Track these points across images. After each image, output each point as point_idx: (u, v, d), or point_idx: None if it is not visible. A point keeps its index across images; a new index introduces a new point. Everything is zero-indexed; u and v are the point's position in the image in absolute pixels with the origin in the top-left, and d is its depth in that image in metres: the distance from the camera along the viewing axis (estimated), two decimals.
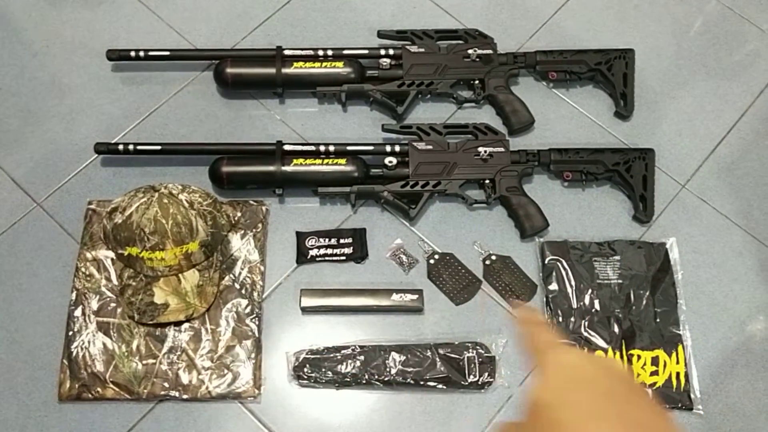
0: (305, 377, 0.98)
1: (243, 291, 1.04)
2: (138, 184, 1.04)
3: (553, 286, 1.06)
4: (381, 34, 1.21)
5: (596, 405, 0.35)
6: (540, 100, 1.21)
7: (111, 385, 0.97)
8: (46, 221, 1.09)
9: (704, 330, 1.05)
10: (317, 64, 1.16)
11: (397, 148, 1.11)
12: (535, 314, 0.45)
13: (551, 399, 0.37)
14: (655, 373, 1.01)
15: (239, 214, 1.09)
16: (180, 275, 1.01)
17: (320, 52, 1.17)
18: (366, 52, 1.18)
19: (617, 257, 1.08)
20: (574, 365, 0.39)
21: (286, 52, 1.16)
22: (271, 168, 1.08)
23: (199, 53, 1.21)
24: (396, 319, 1.04)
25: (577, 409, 0.35)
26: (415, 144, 1.11)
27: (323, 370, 0.98)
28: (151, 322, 0.99)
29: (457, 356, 1.00)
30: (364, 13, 1.29)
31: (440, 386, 0.98)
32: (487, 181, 1.10)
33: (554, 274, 1.07)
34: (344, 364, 0.99)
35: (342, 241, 1.08)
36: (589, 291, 1.06)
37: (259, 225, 1.09)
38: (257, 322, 1.02)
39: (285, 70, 1.15)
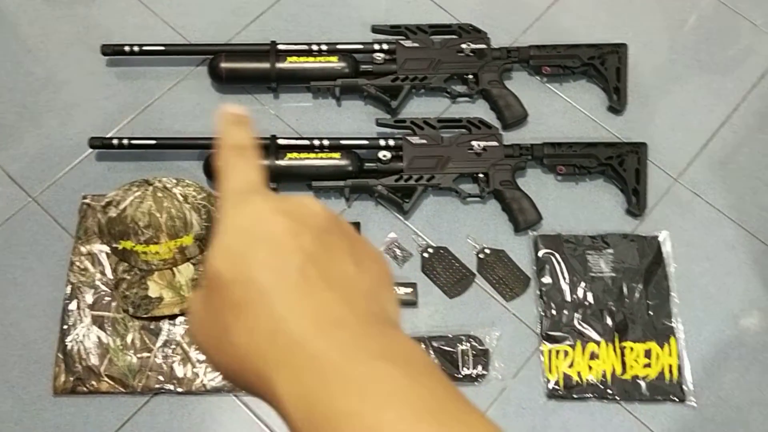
0: None
1: None
2: (132, 179, 1.05)
3: (547, 279, 1.06)
4: (375, 29, 1.22)
5: (288, 271, 0.27)
6: (533, 95, 1.21)
7: (106, 379, 0.98)
8: (40, 216, 1.09)
9: (697, 322, 1.06)
10: (311, 59, 1.16)
11: (391, 143, 1.11)
12: (241, 131, 0.32)
13: (227, 272, 0.27)
14: (647, 365, 1.02)
15: None
16: (174, 269, 1.01)
17: (314, 47, 1.17)
18: (360, 46, 1.19)
19: (610, 250, 1.08)
20: (257, 218, 0.28)
21: (280, 47, 1.17)
22: (265, 162, 1.08)
23: (193, 48, 1.21)
24: None
25: (259, 282, 0.26)
26: (409, 138, 1.11)
27: None
28: (145, 316, 0.99)
29: (450, 349, 1.00)
30: (358, 8, 1.29)
31: None
32: (480, 175, 1.11)
33: (548, 267, 1.07)
34: None
35: None
36: (583, 284, 1.06)
37: None
38: None
39: (279, 65, 1.15)
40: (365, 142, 1.11)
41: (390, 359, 0.25)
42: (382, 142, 1.11)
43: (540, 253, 1.08)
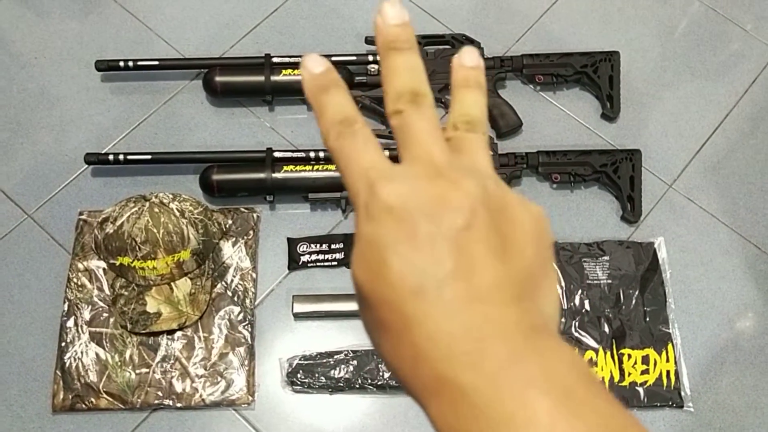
0: (299, 383, 0.98)
1: (235, 298, 1.04)
2: (129, 194, 1.05)
3: None
4: (368, 41, 1.22)
5: (430, 285, 0.24)
6: (527, 103, 1.22)
7: (105, 395, 0.97)
8: (37, 232, 1.09)
9: (693, 328, 1.06)
10: None
11: (386, 153, 1.12)
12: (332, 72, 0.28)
13: (366, 285, 0.25)
14: (645, 371, 1.02)
15: (230, 222, 1.10)
16: (172, 284, 1.01)
17: None
18: (354, 58, 1.19)
19: (606, 257, 1.09)
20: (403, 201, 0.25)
21: (275, 60, 1.17)
22: (261, 175, 1.08)
23: (187, 62, 1.22)
24: None
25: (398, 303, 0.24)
26: None
27: (316, 375, 0.99)
28: (143, 332, 0.99)
29: None
30: (351, 19, 1.30)
31: None
32: None
33: None
34: (337, 369, 0.99)
35: (333, 246, 1.08)
36: (579, 291, 1.07)
37: (251, 232, 1.09)
38: (250, 329, 1.03)
39: (274, 78, 1.16)
40: None
41: (545, 390, 0.23)
42: None
43: None
